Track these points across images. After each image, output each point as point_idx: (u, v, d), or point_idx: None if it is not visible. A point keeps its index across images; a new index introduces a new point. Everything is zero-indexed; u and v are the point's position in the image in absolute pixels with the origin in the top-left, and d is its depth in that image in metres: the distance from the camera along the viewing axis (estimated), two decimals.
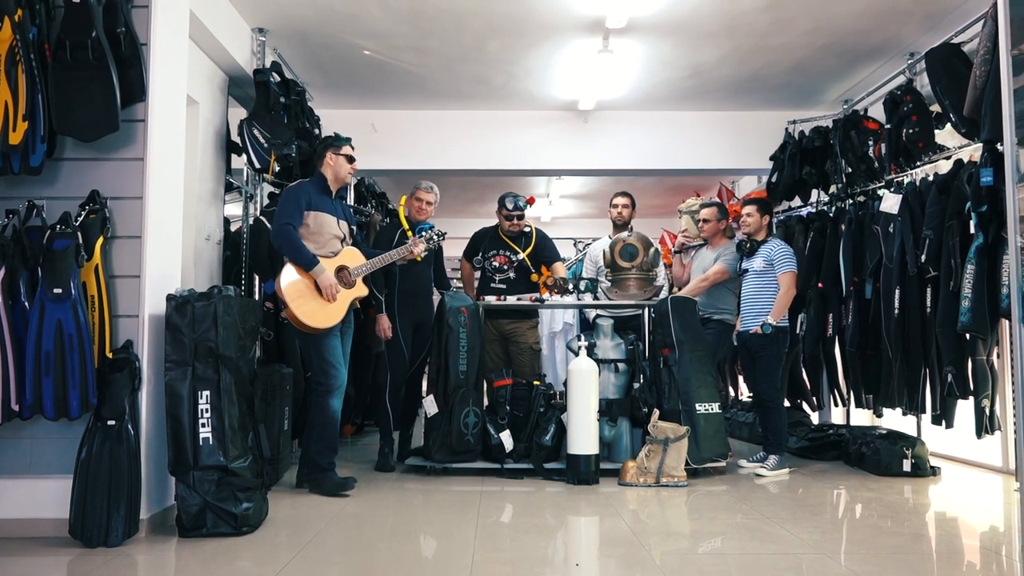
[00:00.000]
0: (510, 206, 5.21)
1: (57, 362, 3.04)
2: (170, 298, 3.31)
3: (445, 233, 4.74)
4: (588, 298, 5.15)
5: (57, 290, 3.05)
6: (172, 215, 3.60)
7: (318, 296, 4.03)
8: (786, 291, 4.81)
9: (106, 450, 3.08)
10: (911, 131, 4.89)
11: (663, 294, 5.30)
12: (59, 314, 3.04)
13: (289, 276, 4.00)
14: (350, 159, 4.27)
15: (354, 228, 4.42)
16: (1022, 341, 2.65)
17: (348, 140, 4.31)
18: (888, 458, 4.74)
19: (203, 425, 3.23)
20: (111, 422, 3.11)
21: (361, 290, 4.23)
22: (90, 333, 3.09)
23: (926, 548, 3.29)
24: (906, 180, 4.93)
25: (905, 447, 4.74)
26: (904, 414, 4.98)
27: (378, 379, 5.26)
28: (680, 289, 5.53)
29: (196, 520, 3.18)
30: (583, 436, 4.38)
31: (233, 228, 5.33)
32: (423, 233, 4.62)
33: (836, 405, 5.90)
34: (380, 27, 5.21)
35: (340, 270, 4.14)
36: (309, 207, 4.12)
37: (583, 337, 4.73)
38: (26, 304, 3.08)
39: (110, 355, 3.19)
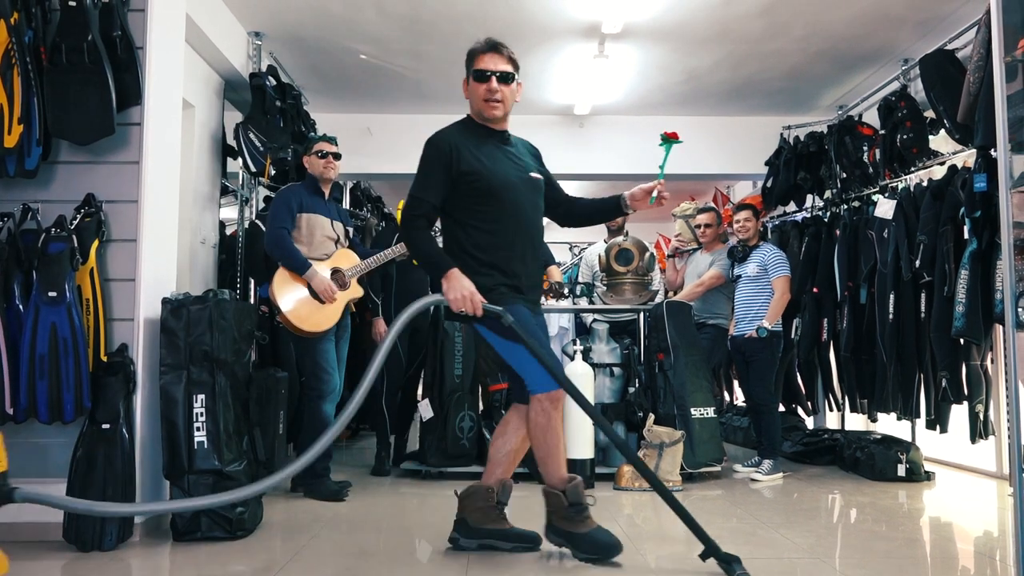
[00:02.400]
0: None
1: (51, 365, 3.03)
2: (165, 302, 3.30)
3: None
4: (583, 302, 5.15)
5: (52, 293, 3.04)
6: (167, 218, 3.59)
7: (312, 300, 4.03)
8: (780, 295, 4.82)
9: (100, 454, 3.07)
10: (905, 137, 4.91)
11: (659, 298, 5.31)
12: (54, 317, 3.03)
13: (282, 280, 4.00)
14: (321, 155, 4.20)
15: (350, 230, 4.40)
16: (1015, 346, 2.66)
17: (320, 138, 4.27)
18: (883, 463, 4.75)
19: (198, 429, 3.22)
20: (105, 426, 3.10)
21: (356, 291, 4.22)
22: (85, 336, 3.09)
23: (920, 553, 3.29)
24: (900, 186, 4.95)
25: (900, 452, 4.75)
26: (898, 419, 5.00)
27: (374, 383, 5.24)
28: (674, 293, 5.54)
29: (190, 524, 3.16)
30: (578, 440, 4.38)
31: (228, 232, 5.32)
32: None
33: (831, 410, 5.92)
34: (376, 31, 5.22)
35: (334, 272, 4.13)
36: (301, 209, 4.11)
37: (578, 341, 4.74)
38: (20, 307, 3.08)
39: (105, 358, 3.18)
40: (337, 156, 4.24)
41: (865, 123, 5.63)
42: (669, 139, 3.12)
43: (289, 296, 3.98)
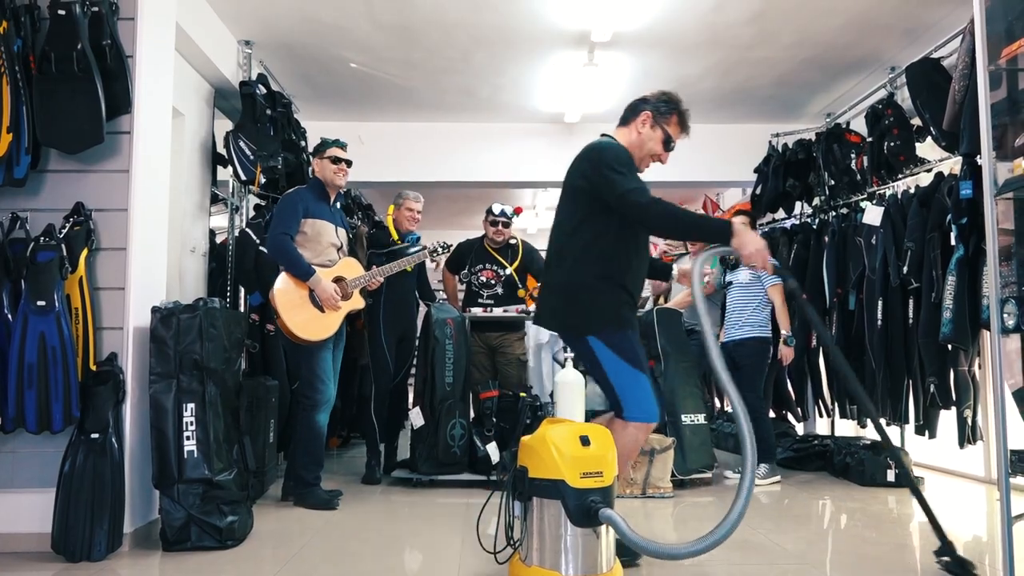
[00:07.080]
0: (496, 211, 5.18)
1: (40, 375, 3.02)
2: (155, 310, 3.30)
3: (451, 245, 4.80)
4: None
5: (41, 302, 3.03)
6: (157, 227, 3.59)
7: (312, 307, 3.99)
8: (781, 303, 4.88)
9: (89, 463, 3.06)
10: (893, 144, 4.95)
11: (648, 305, 5.32)
12: (43, 327, 3.02)
13: (283, 285, 3.96)
14: (334, 160, 4.20)
15: (350, 237, 4.41)
16: (1002, 352, 2.68)
17: (333, 143, 4.26)
18: (872, 468, 4.77)
19: (188, 438, 3.21)
20: (95, 435, 3.08)
21: (358, 302, 4.19)
22: (74, 346, 3.07)
23: (910, 558, 3.30)
24: (888, 192, 4.99)
25: (889, 457, 4.77)
26: (888, 424, 5.01)
27: (364, 391, 5.23)
28: (665, 299, 5.55)
29: (180, 534, 3.15)
30: None
31: (218, 240, 5.31)
32: (417, 244, 4.65)
33: (820, 416, 5.94)
34: (367, 40, 5.23)
35: (337, 281, 4.10)
36: (307, 214, 4.09)
37: (569, 348, 4.73)
38: (9, 316, 3.06)
39: (94, 368, 3.18)
40: (349, 163, 4.26)
41: (853, 130, 5.67)
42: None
43: (289, 303, 3.94)
